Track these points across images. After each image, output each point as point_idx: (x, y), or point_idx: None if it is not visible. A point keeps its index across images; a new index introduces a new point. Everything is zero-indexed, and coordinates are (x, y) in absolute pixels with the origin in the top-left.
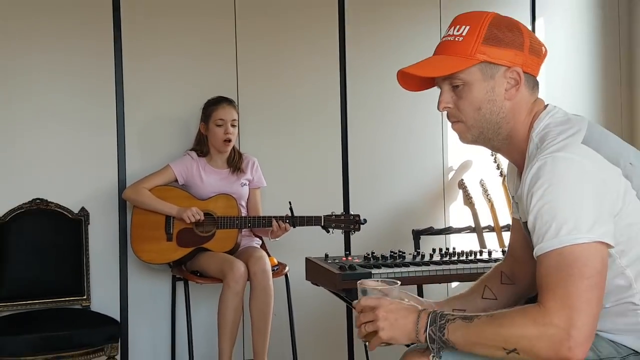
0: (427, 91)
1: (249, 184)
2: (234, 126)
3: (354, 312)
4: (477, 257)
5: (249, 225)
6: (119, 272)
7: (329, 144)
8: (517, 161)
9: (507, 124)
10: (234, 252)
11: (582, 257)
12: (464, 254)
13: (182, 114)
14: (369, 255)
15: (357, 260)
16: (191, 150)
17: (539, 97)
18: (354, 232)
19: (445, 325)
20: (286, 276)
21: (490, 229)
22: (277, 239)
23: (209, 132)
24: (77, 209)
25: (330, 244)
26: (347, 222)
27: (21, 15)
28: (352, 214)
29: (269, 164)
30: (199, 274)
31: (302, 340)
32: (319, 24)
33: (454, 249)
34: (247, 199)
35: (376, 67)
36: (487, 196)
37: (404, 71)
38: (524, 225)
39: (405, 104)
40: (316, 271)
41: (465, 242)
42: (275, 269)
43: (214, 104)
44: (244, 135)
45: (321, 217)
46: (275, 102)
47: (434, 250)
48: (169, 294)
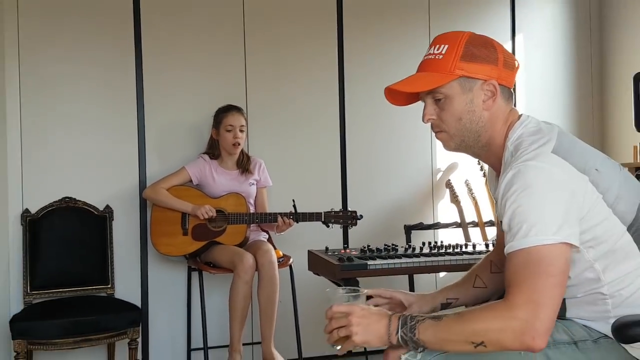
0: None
1: (256, 184)
2: (242, 131)
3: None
4: (463, 249)
5: (257, 220)
6: (140, 263)
7: (329, 147)
8: (495, 166)
9: (485, 132)
10: (243, 245)
11: (548, 256)
12: (451, 247)
13: (195, 121)
14: (365, 248)
15: (354, 252)
16: (204, 153)
17: (514, 107)
18: (352, 226)
19: (415, 326)
20: (290, 267)
21: (474, 224)
22: (282, 233)
23: (220, 137)
24: (102, 206)
25: (330, 237)
26: (345, 218)
27: (55, 35)
28: (349, 210)
29: (275, 165)
30: (212, 265)
31: (305, 324)
32: (319, 40)
33: (441, 242)
34: (255, 197)
35: (371, 78)
36: (472, 195)
37: (391, 88)
38: (500, 224)
39: (397, 111)
40: (317, 262)
41: (452, 236)
42: (280, 260)
43: (224, 112)
44: (252, 139)
45: (322, 213)
46: (280, 110)
47: (423, 243)
48: (185, 283)
